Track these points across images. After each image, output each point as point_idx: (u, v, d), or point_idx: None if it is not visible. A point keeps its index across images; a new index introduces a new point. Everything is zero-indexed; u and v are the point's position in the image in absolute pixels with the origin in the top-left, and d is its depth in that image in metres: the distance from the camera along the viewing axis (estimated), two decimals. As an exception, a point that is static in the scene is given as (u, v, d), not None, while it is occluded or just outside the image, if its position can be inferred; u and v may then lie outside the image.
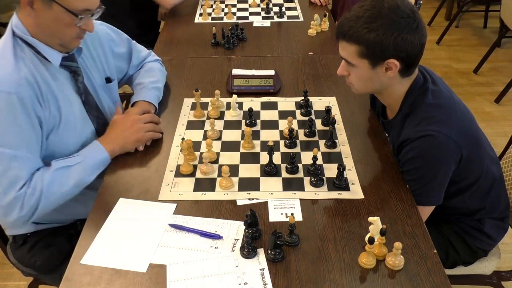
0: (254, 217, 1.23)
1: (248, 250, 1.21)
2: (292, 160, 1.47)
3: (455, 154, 1.39)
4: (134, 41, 1.90)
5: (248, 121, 1.70)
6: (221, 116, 1.76)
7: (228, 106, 1.80)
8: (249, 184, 1.44)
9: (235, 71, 1.96)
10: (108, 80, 1.70)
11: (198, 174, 1.48)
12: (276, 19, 2.61)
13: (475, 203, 1.55)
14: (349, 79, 1.50)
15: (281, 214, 1.34)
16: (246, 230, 1.23)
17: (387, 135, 1.66)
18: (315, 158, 1.45)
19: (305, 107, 1.77)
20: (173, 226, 1.30)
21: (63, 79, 1.50)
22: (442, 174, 1.42)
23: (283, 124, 1.69)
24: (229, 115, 1.77)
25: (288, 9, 2.72)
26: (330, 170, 1.48)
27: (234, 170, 1.49)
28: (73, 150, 1.51)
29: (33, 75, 1.40)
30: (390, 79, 1.42)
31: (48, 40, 1.43)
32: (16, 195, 1.36)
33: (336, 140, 1.61)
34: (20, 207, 1.37)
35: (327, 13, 2.51)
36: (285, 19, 2.61)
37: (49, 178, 1.40)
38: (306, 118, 1.68)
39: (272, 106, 1.82)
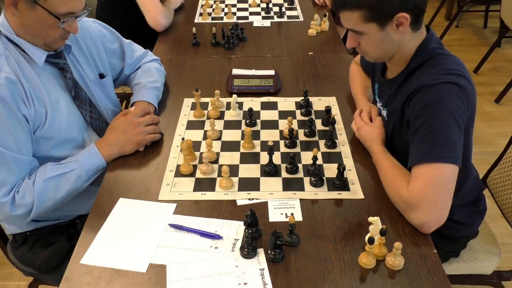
0: (254, 217, 1.23)
1: (248, 250, 1.21)
2: (292, 160, 1.47)
3: (464, 113, 1.31)
4: (130, 41, 1.90)
5: (248, 121, 1.70)
6: (221, 116, 1.76)
7: (228, 106, 1.80)
8: (249, 184, 1.44)
9: (235, 71, 1.96)
10: (102, 76, 1.71)
11: (198, 174, 1.48)
12: (276, 19, 2.60)
13: None
14: (361, 48, 1.42)
15: (281, 214, 1.33)
16: (246, 230, 1.23)
17: (377, 99, 1.59)
18: (315, 158, 1.45)
19: (305, 107, 1.77)
20: (173, 226, 1.30)
21: (50, 76, 1.50)
22: (459, 130, 1.29)
23: (283, 124, 1.69)
24: (229, 115, 1.77)
25: (288, 9, 2.73)
26: (330, 170, 1.48)
27: (234, 170, 1.49)
28: (60, 145, 1.51)
29: (16, 73, 1.40)
30: (402, 35, 1.35)
31: (32, 40, 1.43)
32: (4, 200, 1.38)
33: (336, 140, 1.61)
34: (10, 209, 1.39)
35: (327, 13, 2.51)
36: (285, 19, 2.61)
37: (42, 187, 1.40)
38: (306, 118, 1.68)
39: (272, 106, 1.82)
